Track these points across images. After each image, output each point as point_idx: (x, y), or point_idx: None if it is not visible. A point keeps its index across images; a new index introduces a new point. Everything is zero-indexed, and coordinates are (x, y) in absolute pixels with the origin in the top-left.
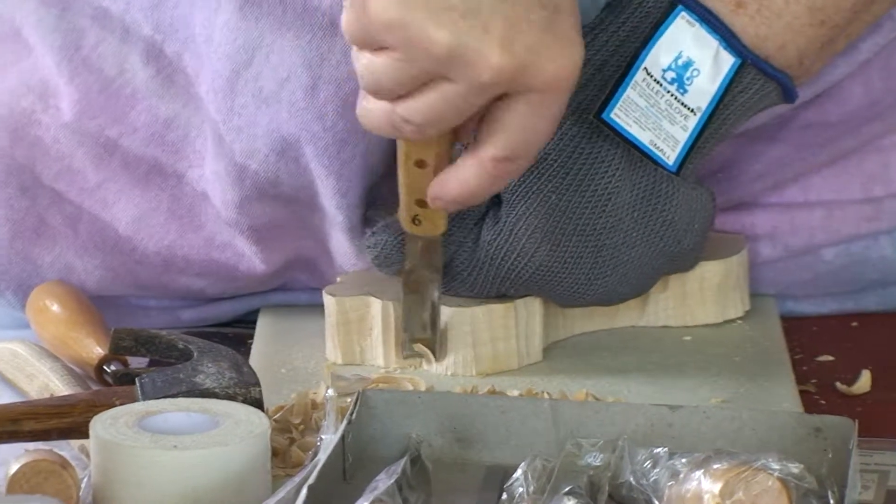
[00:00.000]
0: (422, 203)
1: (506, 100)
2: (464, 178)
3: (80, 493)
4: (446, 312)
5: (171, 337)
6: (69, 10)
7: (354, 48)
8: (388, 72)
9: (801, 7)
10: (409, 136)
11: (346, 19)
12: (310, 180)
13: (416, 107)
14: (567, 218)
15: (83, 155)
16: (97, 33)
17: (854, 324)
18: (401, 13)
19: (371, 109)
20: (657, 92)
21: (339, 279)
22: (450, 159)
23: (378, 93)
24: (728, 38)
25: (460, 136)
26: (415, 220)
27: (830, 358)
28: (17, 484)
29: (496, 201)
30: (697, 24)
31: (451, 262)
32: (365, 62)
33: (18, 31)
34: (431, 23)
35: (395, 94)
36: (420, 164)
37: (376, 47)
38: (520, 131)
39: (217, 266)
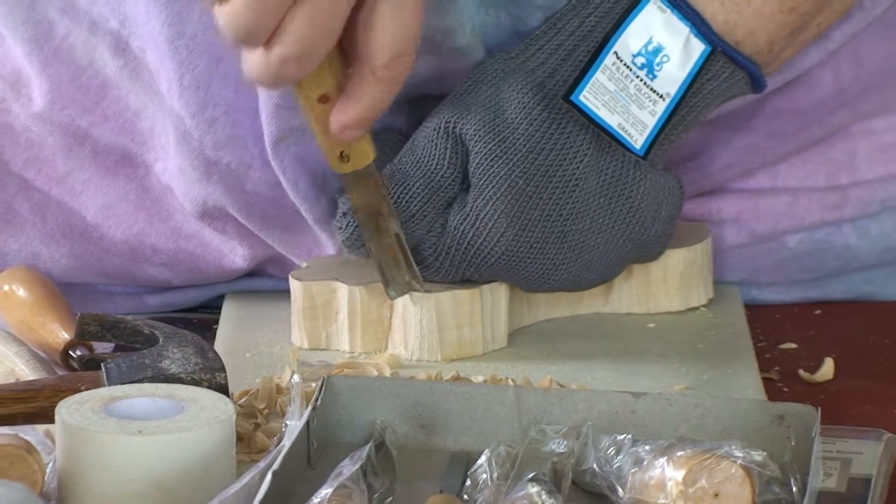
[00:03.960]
0: None
1: (366, 7)
2: (361, 94)
3: (46, 478)
4: (411, 298)
5: (136, 322)
6: (38, 2)
7: (210, 5)
8: (244, 13)
9: None
10: (293, 75)
11: None
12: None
13: (287, 41)
14: (534, 203)
15: (53, 144)
16: (66, 24)
17: (817, 311)
18: None
19: (250, 64)
20: (626, 76)
21: (304, 264)
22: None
23: (247, 41)
24: (699, 25)
25: (350, 60)
26: (342, 156)
27: (794, 345)
28: None
29: (465, 187)
30: (669, 11)
31: (418, 248)
32: (222, 16)
33: None
34: None
35: (261, 36)
36: (323, 99)
37: None
38: (391, 30)
39: (184, 256)
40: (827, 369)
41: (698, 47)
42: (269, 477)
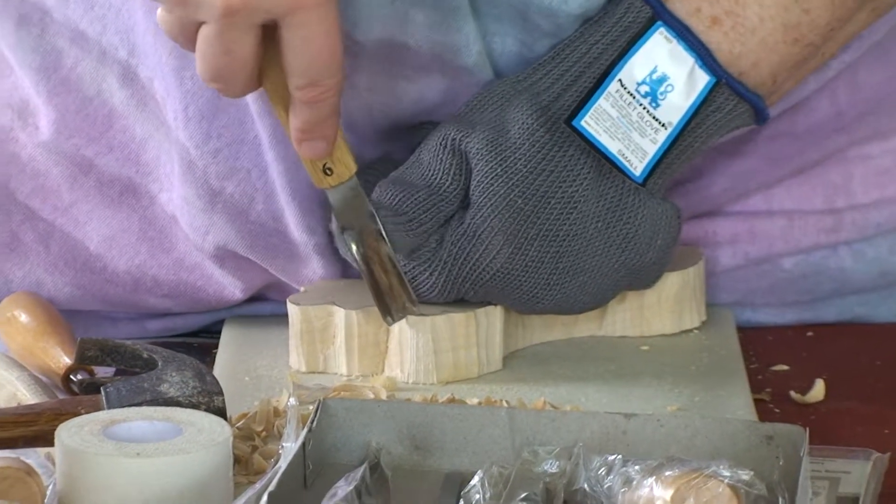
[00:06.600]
0: None
1: (278, 34)
2: (296, 111)
3: (46, 500)
4: (407, 322)
5: (135, 346)
6: (47, 31)
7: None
8: (165, 23)
9: (775, 24)
10: (224, 92)
11: None
12: (281, 205)
13: (199, 59)
14: (531, 223)
15: (58, 174)
16: (75, 54)
17: (809, 333)
18: None
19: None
20: (629, 104)
21: (303, 289)
22: None
23: (181, 45)
24: (704, 56)
25: None
26: (325, 170)
27: (785, 367)
28: None
29: (465, 204)
30: (675, 41)
31: (412, 260)
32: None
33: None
34: None
35: (187, 49)
36: None
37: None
38: (300, 57)
39: (185, 287)
40: (818, 390)
41: (703, 78)
42: (265, 498)
